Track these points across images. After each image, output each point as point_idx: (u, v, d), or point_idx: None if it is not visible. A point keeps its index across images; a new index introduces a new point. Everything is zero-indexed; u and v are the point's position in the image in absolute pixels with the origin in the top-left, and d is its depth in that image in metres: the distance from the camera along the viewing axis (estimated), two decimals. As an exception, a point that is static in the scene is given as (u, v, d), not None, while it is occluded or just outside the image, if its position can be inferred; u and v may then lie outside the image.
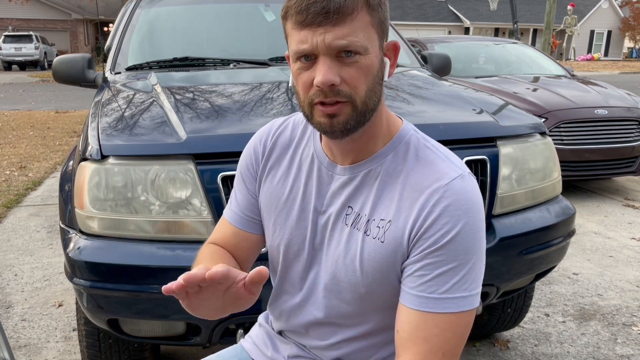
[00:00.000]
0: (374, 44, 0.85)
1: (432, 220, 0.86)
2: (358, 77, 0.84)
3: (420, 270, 0.87)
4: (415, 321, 0.87)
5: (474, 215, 0.86)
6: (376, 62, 0.86)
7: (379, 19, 0.85)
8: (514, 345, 2.49)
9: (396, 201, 0.89)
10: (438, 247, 0.85)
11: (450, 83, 2.43)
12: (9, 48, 25.64)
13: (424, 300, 0.86)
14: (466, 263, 0.86)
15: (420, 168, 0.90)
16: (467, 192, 0.87)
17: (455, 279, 0.86)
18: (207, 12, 2.94)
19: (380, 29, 0.86)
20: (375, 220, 0.91)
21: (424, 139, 0.95)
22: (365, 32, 0.83)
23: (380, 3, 0.85)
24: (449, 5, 36.99)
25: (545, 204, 1.97)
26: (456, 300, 0.86)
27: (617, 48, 40.03)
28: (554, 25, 15.67)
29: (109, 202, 1.59)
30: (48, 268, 3.30)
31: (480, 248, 0.88)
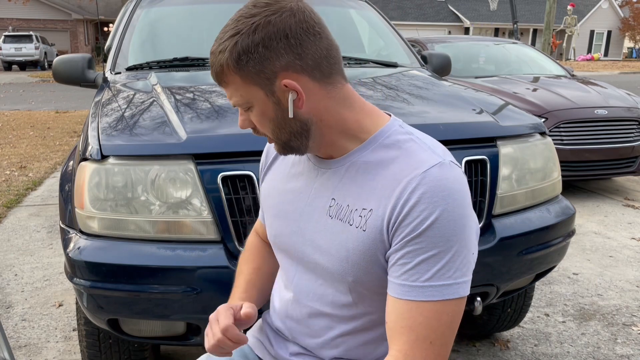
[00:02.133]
0: (256, 95, 0.89)
1: (409, 207, 0.86)
2: (261, 123, 0.93)
3: (402, 258, 0.88)
4: (400, 310, 0.88)
5: (454, 202, 0.86)
6: (269, 109, 0.90)
7: (252, 74, 0.87)
8: (514, 345, 2.49)
9: (377, 190, 0.91)
10: (417, 235, 0.86)
11: (450, 83, 2.43)
12: (9, 48, 25.65)
13: (407, 289, 0.87)
14: (447, 250, 0.86)
15: (401, 158, 0.91)
16: (446, 180, 0.87)
17: (437, 266, 0.86)
18: (207, 12, 2.94)
19: (262, 79, 0.88)
20: (357, 210, 0.93)
21: (408, 132, 0.96)
22: (242, 90, 0.90)
23: (247, 59, 0.86)
24: (449, 5, 36.99)
25: (545, 204, 1.97)
26: (439, 288, 0.86)
27: (617, 48, 40.03)
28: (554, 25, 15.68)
29: (109, 202, 1.59)
30: (48, 268, 3.30)
31: (463, 235, 0.87)
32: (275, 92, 0.89)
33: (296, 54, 0.87)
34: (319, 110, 0.91)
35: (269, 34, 0.85)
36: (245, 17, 0.87)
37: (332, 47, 0.91)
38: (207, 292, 1.57)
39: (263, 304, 1.19)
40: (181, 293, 1.56)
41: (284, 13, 0.86)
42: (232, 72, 0.88)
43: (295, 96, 0.88)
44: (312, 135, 0.93)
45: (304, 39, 0.87)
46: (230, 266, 1.56)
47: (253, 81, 0.88)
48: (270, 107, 0.90)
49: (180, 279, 1.55)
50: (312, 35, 0.88)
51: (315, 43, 0.88)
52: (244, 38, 0.86)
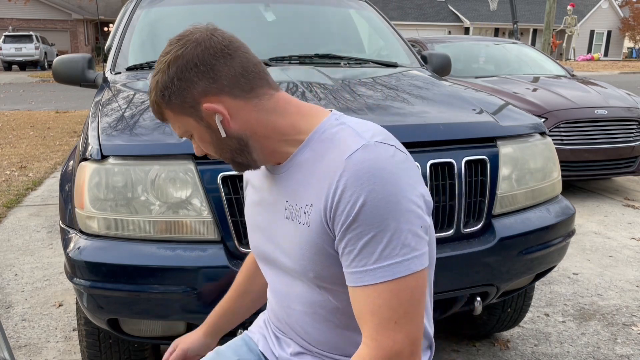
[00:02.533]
0: (190, 124, 0.96)
1: (339, 195, 0.88)
2: (205, 148, 1.00)
3: (347, 247, 0.90)
4: (360, 298, 0.90)
5: (381, 181, 0.87)
6: (204, 134, 0.97)
7: (178, 106, 0.95)
8: (514, 345, 2.49)
9: (314, 185, 0.94)
10: (351, 221, 0.88)
11: (450, 83, 2.44)
12: (9, 48, 25.65)
13: (359, 275, 0.89)
14: (386, 229, 0.87)
15: (331, 149, 0.93)
16: (369, 161, 0.88)
17: (380, 247, 0.87)
18: (207, 12, 2.94)
19: (188, 109, 0.94)
20: (302, 207, 0.96)
21: (342, 122, 0.97)
22: (177, 122, 0.97)
23: (169, 94, 0.94)
24: (449, 5, 36.99)
25: (545, 204, 1.98)
26: (389, 268, 0.87)
27: (617, 48, 40.03)
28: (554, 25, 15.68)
29: (109, 202, 1.59)
30: (48, 268, 3.30)
31: (398, 212, 0.87)
32: (204, 118, 0.95)
33: (209, 78, 0.92)
34: (250, 124, 0.96)
35: (180, 66, 0.92)
36: (162, 55, 0.95)
37: (249, 62, 0.95)
38: (207, 292, 1.57)
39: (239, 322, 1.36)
40: (181, 293, 1.56)
41: (190, 45, 0.92)
42: (163, 108, 0.96)
43: (221, 117, 0.94)
44: (252, 148, 0.98)
45: (214, 63, 0.92)
46: (230, 266, 1.56)
47: (181, 112, 0.95)
48: (204, 132, 0.97)
49: (180, 279, 1.56)
50: (222, 58, 0.93)
51: (227, 64, 0.93)
52: (161, 75, 0.94)
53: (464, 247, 1.76)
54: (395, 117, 1.81)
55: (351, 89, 2.05)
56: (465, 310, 1.93)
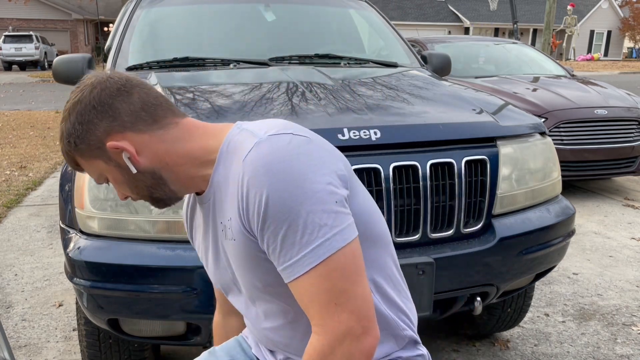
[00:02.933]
0: (101, 166, 0.97)
1: (245, 198, 0.89)
2: (121, 189, 1.00)
3: (269, 246, 0.89)
4: (298, 292, 0.90)
5: (278, 172, 0.86)
6: (116, 174, 0.97)
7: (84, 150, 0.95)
8: (514, 345, 2.49)
9: (229, 197, 0.95)
10: (263, 219, 0.88)
11: (450, 83, 2.43)
12: (9, 48, 25.64)
13: (289, 270, 0.88)
14: (297, 217, 0.86)
15: (234, 157, 0.94)
16: (262, 156, 0.88)
17: (297, 235, 0.86)
18: (207, 12, 2.94)
19: (93, 152, 0.95)
20: (227, 223, 0.96)
21: (241, 129, 0.97)
22: (90, 167, 0.98)
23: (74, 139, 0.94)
24: (449, 5, 36.99)
25: (545, 204, 1.98)
26: (312, 253, 0.86)
27: (617, 48, 40.03)
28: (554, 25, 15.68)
29: (109, 202, 1.59)
30: (48, 268, 3.30)
31: (305, 196, 0.86)
32: (112, 157, 0.95)
33: (109, 117, 0.93)
34: (159, 156, 0.96)
35: (79, 111, 0.94)
36: (65, 105, 0.97)
37: (148, 96, 0.96)
38: (207, 292, 1.57)
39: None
40: (181, 293, 1.56)
41: (85, 90, 0.94)
42: (73, 156, 0.97)
43: (128, 154, 0.95)
44: (167, 180, 0.98)
45: (112, 102, 0.94)
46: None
47: (90, 156, 0.96)
48: (116, 172, 0.97)
49: (180, 279, 1.56)
50: (120, 96, 0.94)
51: (125, 101, 0.94)
52: (65, 123, 0.95)
53: (464, 247, 1.76)
54: (395, 117, 1.81)
55: (351, 89, 2.05)
56: (465, 310, 1.93)
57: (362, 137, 1.68)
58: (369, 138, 1.69)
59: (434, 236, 1.75)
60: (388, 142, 1.70)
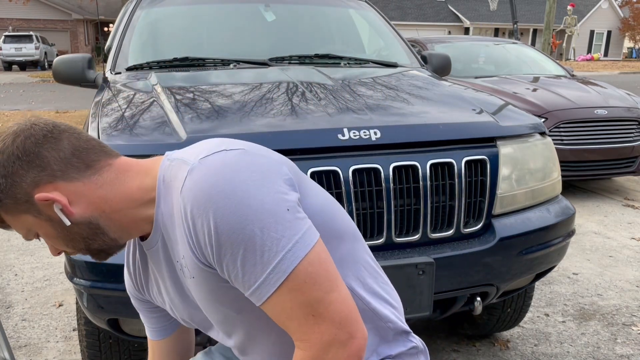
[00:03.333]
0: (29, 222, 0.89)
1: (193, 231, 0.83)
2: (54, 244, 0.92)
3: (230, 274, 0.84)
4: (272, 311, 0.84)
5: (219, 194, 0.80)
6: (48, 228, 0.89)
7: (9, 205, 0.87)
8: (514, 345, 2.49)
9: (177, 236, 0.89)
10: (217, 249, 0.82)
11: (450, 83, 2.44)
12: (9, 48, 25.64)
13: (257, 293, 0.83)
14: (251, 237, 0.80)
15: (172, 192, 0.88)
16: (199, 182, 0.82)
17: (256, 256, 0.80)
18: (207, 12, 2.94)
19: (21, 206, 0.87)
20: (181, 263, 0.91)
21: (172, 159, 0.91)
22: (16, 223, 0.89)
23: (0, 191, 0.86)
24: (448, 6, 36.99)
25: (545, 204, 1.98)
26: (276, 269, 0.81)
27: (616, 48, 40.04)
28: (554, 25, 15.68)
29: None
30: (48, 268, 3.30)
31: (253, 213, 0.80)
32: (42, 211, 0.87)
33: (37, 167, 0.86)
34: (95, 204, 0.89)
35: (1, 163, 0.85)
36: None
37: (78, 141, 0.89)
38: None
39: None
40: (181, 293, 1.56)
41: (7, 139, 0.86)
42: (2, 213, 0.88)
43: (59, 206, 0.87)
44: (106, 228, 0.91)
45: (38, 151, 0.86)
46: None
47: (17, 211, 0.87)
48: (47, 226, 0.89)
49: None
50: (47, 143, 0.86)
51: (53, 148, 0.86)
52: None
53: (464, 247, 1.76)
54: (395, 117, 1.81)
55: (351, 89, 2.05)
56: (465, 310, 1.93)
57: (362, 137, 1.68)
58: (369, 138, 1.69)
59: (434, 236, 1.75)
60: (388, 142, 1.70)
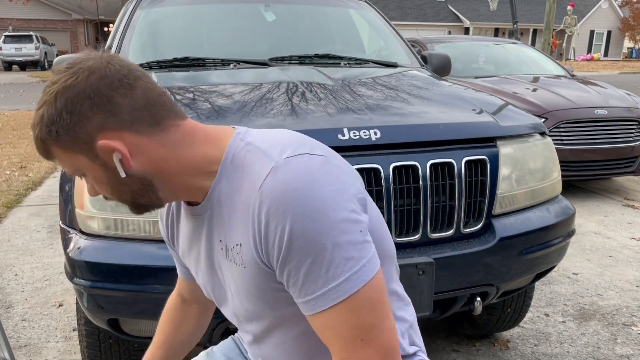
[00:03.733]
0: (82, 163, 0.85)
1: (264, 229, 0.81)
2: (99, 189, 0.89)
3: (290, 279, 0.83)
4: (319, 325, 0.84)
5: (302, 200, 0.79)
6: (99, 174, 0.85)
7: (67, 143, 0.83)
8: (514, 345, 2.49)
9: (239, 222, 0.86)
10: (285, 252, 0.80)
11: (450, 83, 2.44)
12: (9, 48, 25.65)
13: (312, 303, 0.82)
14: (323, 251, 0.79)
15: (241, 179, 0.85)
16: (283, 184, 0.80)
17: (322, 270, 0.79)
18: (207, 12, 2.94)
19: (78, 146, 0.83)
20: (234, 248, 0.88)
21: (248, 143, 0.88)
22: (67, 160, 0.85)
23: (57, 129, 0.81)
24: (448, 6, 36.99)
25: (545, 204, 1.98)
26: (338, 287, 0.80)
27: (616, 48, 40.03)
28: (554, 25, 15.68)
29: (109, 202, 1.59)
30: (48, 268, 3.30)
31: (331, 226, 0.79)
32: (99, 156, 0.83)
33: (107, 112, 0.81)
34: (154, 162, 0.85)
35: (70, 99, 0.80)
36: (48, 86, 0.83)
37: (151, 93, 0.84)
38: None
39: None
40: (181, 293, 1.56)
41: (81, 74, 0.81)
42: (49, 145, 0.84)
43: (119, 156, 0.83)
44: (158, 187, 0.87)
45: (111, 95, 0.81)
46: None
47: (73, 149, 0.83)
48: (100, 171, 0.85)
49: (181, 279, 1.56)
50: (122, 89, 0.82)
51: (126, 95, 0.82)
52: (48, 109, 0.81)
53: (464, 247, 1.76)
54: (395, 117, 1.81)
55: (351, 89, 2.05)
56: (465, 310, 1.93)
57: (362, 137, 1.68)
58: (369, 138, 1.69)
59: (434, 236, 1.75)
60: (388, 142, 1.70)
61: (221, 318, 1.63)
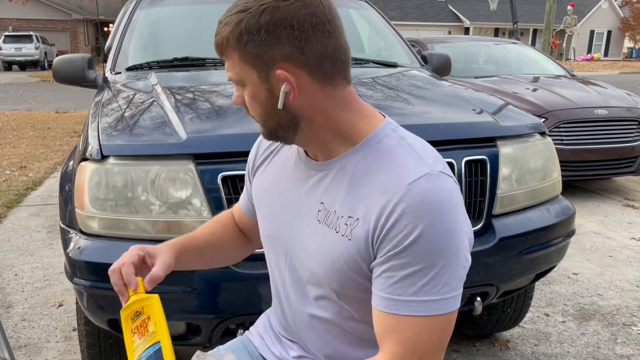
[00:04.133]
0: (250, 77, 0.88)
1: (393, 221, 0.84)
2: (250, 104, 0.91)
3: (387, 272, 0.85)
4: (387, 323, 0.86)
5: (440, 216, 0.83)
6: (261, 94, 0.88)
7: (251, 54, 0.85)
8: (514, 345, 2.49)
9: (364, 199, 0.88)
10: (401, 249, 0.83)
11: (450, 83, 2.44)
12: (9, 48, 25.65)
13: (392, 303, 0.85)
14: (433, 265, 0.83)
15: (389, 167, 0.88)
16: (432, 193, 0.83)
17: (422, 281, 0.83)
18: (207, 12, 2.94)
19: (260, 62, 0.85)
20: (343, 217, 0.90)
21: (402, 137, 0.92)
22: (238, 68, 0.88)
23: (249, 39, 0.84)
24: (449, 5, 36.99)
25: (545, 204, 1.97)
26: (426, 304, 0.83)
27: (617, 48, 40.03)
28: (554, 25, 15.67)
29: (109, 202, 1.59)
30: (48, 268, 3.30)
31: (450, 250, 0.84)
32: (270, 79, 0.86)
33: (299, 47, 0.84)
34: (312, 109, 0.89)
35: (274, 19, 0.82)
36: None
37: (340, 48, 0.88)
38: (207, 292, 1.57)
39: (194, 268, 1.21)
40: (181, 293, 1.56)
41: (296, 2, 0.83)
42: (231, 48, 0.86)
43: (288, 88, 0.86)
44: (301, 130, 0.91)
45: (310, 34, 0.83)
46: (230, 266, 1.56)
47: (250, 62, 0.86)
48: (262, 92, 0.88)
49: (180, 279, 1.55)
50: (321, 32, 0.84)
51: (322, 41, 0.85)
52: (249, 18, 0.83)
53: (464, 247, 1.76)
54: (396, 117, 1.81)
55: (351, 89, 2.05)
56: (465, 310, 1.93)
57: (362, 137, 1.68)
58: (369, 138, 1.68)
59: (434, 236, 1.75)
60: (388, 142, 1.70)
61: (221, 318, 1.63)
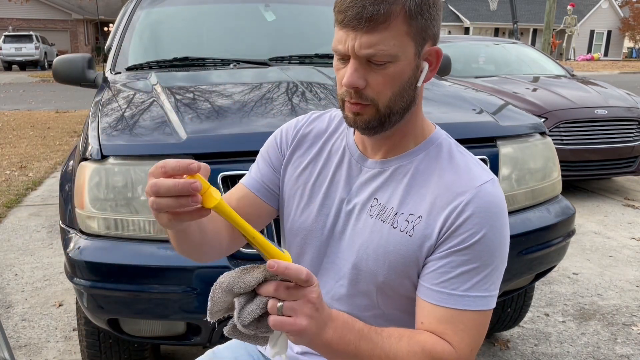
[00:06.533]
0: (407, 51, 0.86)
1: (463, 219, 0.88)
2: (385, 83, 0.87)
3: (444, 267, 0.89)
4: (440, 316, 0.89)
5: (501, 220, 0.90)
6: (408, 70, 0.87)
7: (418, 28, 0.85)
8: (514, 345, 2.49)
9: (429, 198, 0.92)
10: (465, 247, 0.88)
11: (450, 83, 2.44)
12: (9, 48, 25.64)
13: (445, 297, 0.89)
14: (489, 264, 0.89)
15: (454, 169, 0.93)
16: (497, 197, 0.90)
17: (476, 278, 0.89)
18: (207, 12, 2.94)
19: (421, 37, 0.86)
20: (404, 214, 0.93)
21: (456, 144, 0.98)
22: (398, 41, 0.84)
23: (421, 11, 0.84)
24: (449, 5, 36.99)
25: (545, 204, 1.97)
26: (476, 299, 0.89)
27: (617, 48, 40.03)
28: (554, 25, 15.67)
29: (109, 202, 1.59)
30: (48, 268, 3.30)
31: (503, 252, 0.91)
32: (422, 56, 0.88)
33: (438, 26, 0.89)
34: (420, 96, 0.93)
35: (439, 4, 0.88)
36: None
37: None
38: (207, 292, 1.57)
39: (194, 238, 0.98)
40: (181, 293, 1.56)
41: None
42: (399, 20, 0.83)
43: (428, 68, 0.89)
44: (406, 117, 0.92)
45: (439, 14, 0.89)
46: (230, 266, 1.56)
47: (414, 36, 0.85)
48: (411, 68, 0.87)
49: (180, 279, 1.56)
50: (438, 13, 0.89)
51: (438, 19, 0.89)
52: None
53: (464, 247, 1.76)
54: (395, 117, 1.81)
55: (351, 89, 2.05)
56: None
57: (362, 137, 1.68)
58: (369, 138, 1.68)
59: (434, 236, 1.75)
60: (388, 142, 1.70)
61: (221, 318, 1.63)
